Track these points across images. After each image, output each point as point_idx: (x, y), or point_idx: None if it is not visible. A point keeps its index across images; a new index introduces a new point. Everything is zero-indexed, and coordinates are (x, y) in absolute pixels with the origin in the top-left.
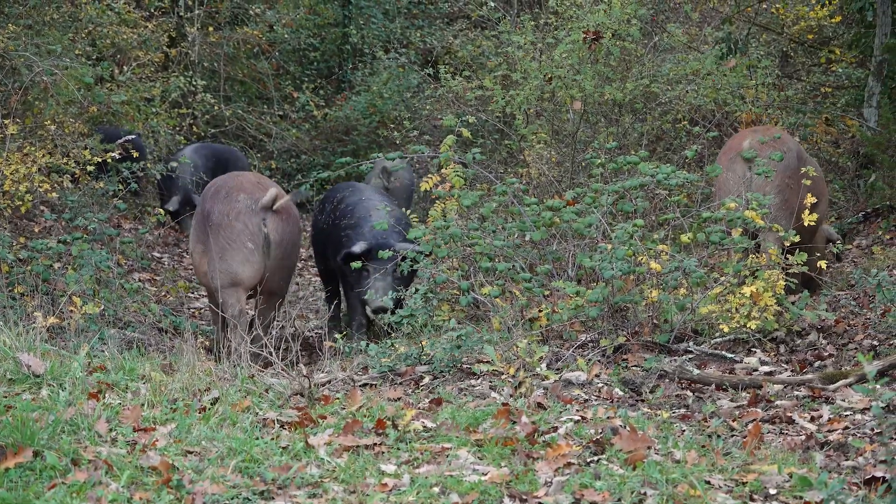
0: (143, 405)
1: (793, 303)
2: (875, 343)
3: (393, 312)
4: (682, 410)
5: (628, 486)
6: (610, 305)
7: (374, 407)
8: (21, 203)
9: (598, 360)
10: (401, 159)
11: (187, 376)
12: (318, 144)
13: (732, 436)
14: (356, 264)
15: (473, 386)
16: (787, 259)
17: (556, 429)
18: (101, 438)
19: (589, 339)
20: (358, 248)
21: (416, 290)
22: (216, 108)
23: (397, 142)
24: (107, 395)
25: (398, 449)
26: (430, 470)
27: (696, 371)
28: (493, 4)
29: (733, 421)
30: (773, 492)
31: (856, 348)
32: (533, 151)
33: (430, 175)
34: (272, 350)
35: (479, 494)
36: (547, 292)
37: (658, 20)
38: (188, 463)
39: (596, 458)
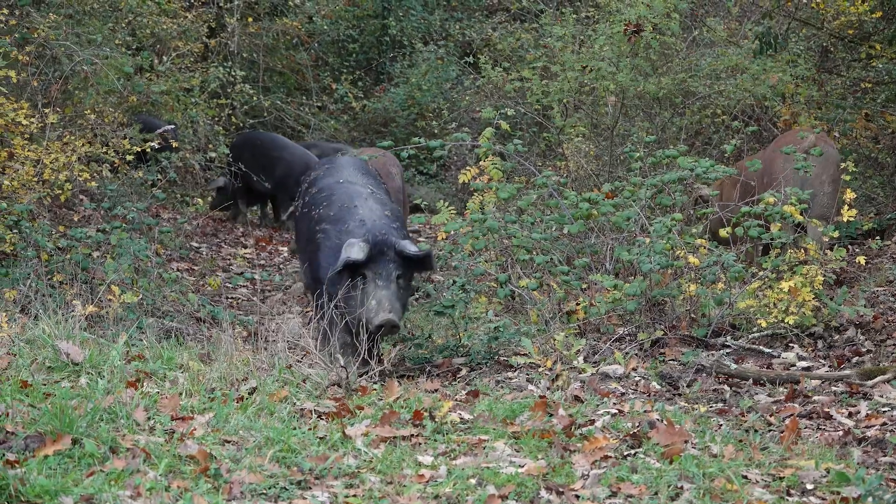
0: (181, 394)
1: (831, 298)
2: None
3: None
4: (720, 405)
5: (665, 479)
6: (648, 299)
7: (412, 398)
8: (61, 192)
9: (636, 354)
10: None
11: (225, 366)
12: (357, 136)
13: (770, 431)
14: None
15: (510, 378)
16: (827, 254)
17: (593, 422)
18: (139, 427)
19: (626, 332)
20: (358, 251)
21: (454, 281)
22: (255, 98)
23: (436, 132)
24: (145, 383)
25: (435, 440)
26: (466, 461)
27: (734, 366)
28: None
29: (770, 416)
30: (810, 487)
31: (894, 344)
32: (571, 145)
33: (468, 167)
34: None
35: (516, 486)
36: (585, 285)
37: (698, 14)
38: (226, 452)
39: (633, 452)
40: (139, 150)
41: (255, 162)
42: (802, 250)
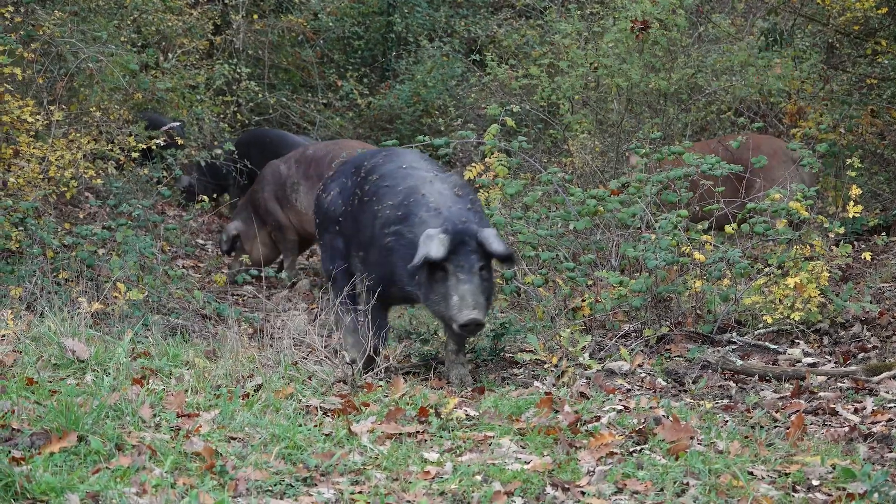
0: (186, 391)
1: (837, 294)
2: None
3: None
4: (725, 401)
5: (671, 475)
6: (653, 295)
7: (417, 395)
8: (66, 189)
9: (641, 350)
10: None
11: (231, 363)
12: (362, 133)
13: (775, 427)
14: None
15: (516, 375)
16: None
17: (598, 418)
18: (144, 424)
19: (632, 328)
20: (438, 247)
21: None
22: (260, 95)
23: (441, 130)
24: (151, 380)
25: (441, 437)
26: (472, 458)
27: (740, 362)
28: None
29: (776, 412)
30: (815, 483)
31: None
32: (577, 141)
33: (474, 164)
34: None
35: (522, 483)
36: (590, 282)
37: (704, 10)
38: (231, 449)
39: (638, 448)
40: (144, 147)
41: (263, 160)
42: (808, 246)
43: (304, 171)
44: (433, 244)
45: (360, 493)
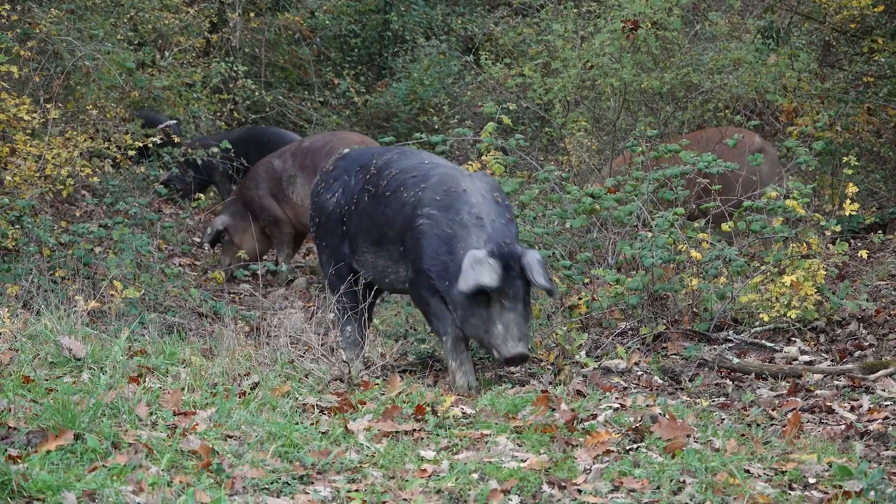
0: (183, 389)
1: (833, 292)
2: None
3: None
4: (722, 399)
5: (667, 473)
6: (650, 293)
7: (414, 393)
8: (63, 187)
9: (638, 349)
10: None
11: (227, 361)
12: (359, 131)
13: (772, 425)
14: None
15: (513, 373)
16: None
17: (595, 416)
18: (141, 422)
19: (628, 327)
20: (491, 275)
21: None
22: (257, 93)
23: (437, 128)
24: (147, 378)
25: (437, 435)
26: (469, 456)
27: (736, 360)
28: None
29: (773, 410)
30: (812, 481)
31: None
32: (573, 139)
33: (470, 162)
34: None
35: (518, 481)
36: (587, 280)
37: (700, 8)
38: (228, 447)
39: (635, 446)
40: (141, 145)
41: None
42: (805, 244)
43: (301, 163)
44: (485, 271)
45: (356, 491)
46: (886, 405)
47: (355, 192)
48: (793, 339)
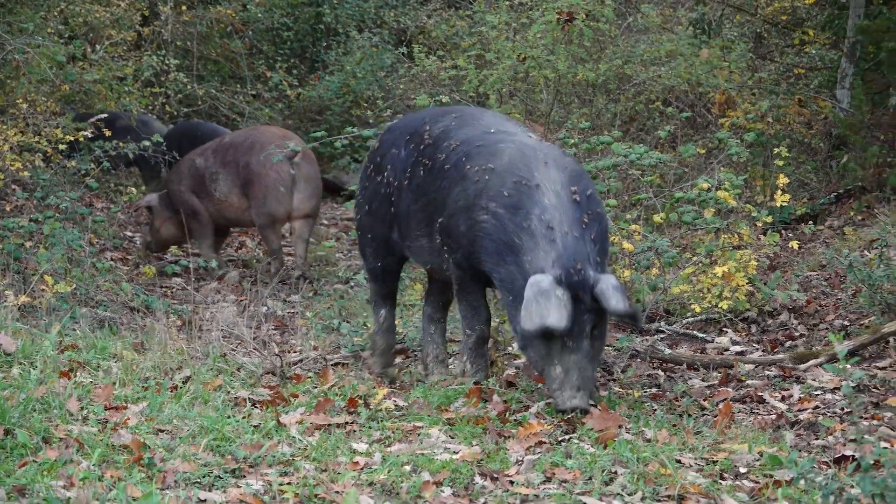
0: (114, 384)
1: (764, 283)
2: (846, 323)
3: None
4: (654, 390)
5: (599, 464)
6: None
7: (346, 386)
8: None
9: None
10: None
11: (159, 355)
12: (292, 124)
13: (703, 415)
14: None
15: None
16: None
17: (527, 408)
18: (72, 417)
19: None
20: (558, 315)
21: None
22: (189, 87)
23: (370, 121)
24: (78, 373)
25: (370, 427)
26: (401, 448)
27: (668, 351)
28: None
29: (704, 400)
30: (743, 470)
31: (826, 328)
32: None
33: None
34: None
35: (451, 473)
36: None
37: (632, 0)
38: (159, 441)
39: (567, 437)
40: (72, 139)
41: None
42: (736, 235)
43: (223, 159)
44: (552, 307)
45: (288, 484)
46: (817, 395)
47: (407, 166)
48: (724, 329)
